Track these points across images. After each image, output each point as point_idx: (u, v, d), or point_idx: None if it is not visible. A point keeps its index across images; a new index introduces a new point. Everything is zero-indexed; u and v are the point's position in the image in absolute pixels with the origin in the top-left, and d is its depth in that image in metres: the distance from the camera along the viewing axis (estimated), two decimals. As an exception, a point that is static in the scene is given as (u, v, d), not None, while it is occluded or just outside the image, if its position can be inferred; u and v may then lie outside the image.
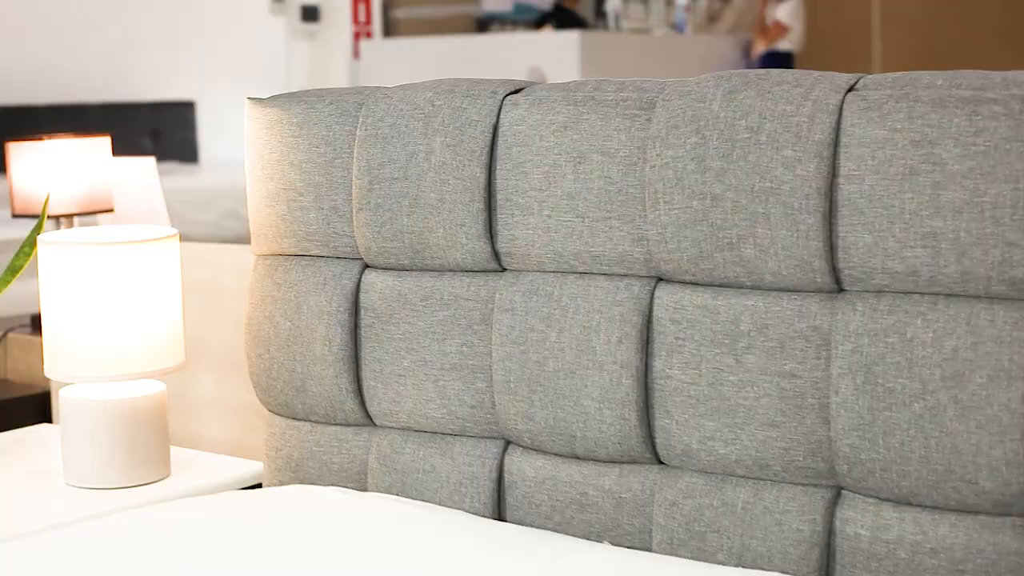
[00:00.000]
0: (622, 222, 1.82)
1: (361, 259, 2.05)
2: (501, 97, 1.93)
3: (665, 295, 1.80)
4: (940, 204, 1.61)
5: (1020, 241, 1.58)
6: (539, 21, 9.13)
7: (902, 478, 1.65)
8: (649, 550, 1.84)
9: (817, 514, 1.72)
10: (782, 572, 1.73)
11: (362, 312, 2.03)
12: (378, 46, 8.78)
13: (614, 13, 9.05)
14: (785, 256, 1.71)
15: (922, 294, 1.65)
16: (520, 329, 1.89)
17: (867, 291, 1.68)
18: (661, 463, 1.85)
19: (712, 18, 9.70)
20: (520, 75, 7.72)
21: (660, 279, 1.82)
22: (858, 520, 1.70)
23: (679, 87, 1.80)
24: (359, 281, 2.04)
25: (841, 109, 1.68)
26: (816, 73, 1.75)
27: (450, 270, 1.97)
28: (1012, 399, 1.58)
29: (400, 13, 9.31)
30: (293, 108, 2.08)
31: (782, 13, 9.17)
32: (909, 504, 1.67)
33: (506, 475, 1.95)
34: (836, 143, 1.68)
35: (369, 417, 2.07)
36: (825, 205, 1.68)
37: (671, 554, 1.81)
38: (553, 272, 1.88)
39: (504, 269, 1.94)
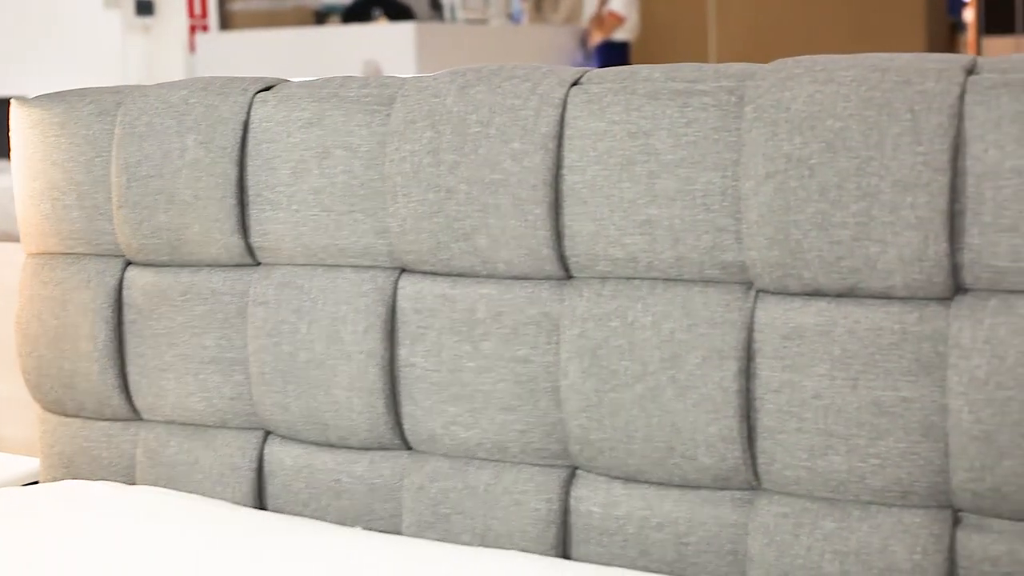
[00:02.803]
0: (365, 215, 1.87)
1: (123, 256, 2.08)
2: (251, 95, 1.97)
3: (407, 285, 1.86)
4: (655, 193, 1.69)
5: (729, 227, 1.66)
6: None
7: (628, 456, 1.73)
8: (400, 533, 1.89)
9: (553, 493, 1.79)
10: (522, 550, 1.79)
11: (125, 308, 2.07)
12: (214, 39, 8.75)
13: (450, 4, 9.08)
14: (515, 245, 1.77)
15: (642, 279, 1.72)
16: (273, 322, 1.93)
17: (592, 277, 1.75)
18: (410, 449, 1.90)
19: (550, 8, 9.76)
20: (356, 68, 7.73)
21: (403, 270, 1.87)
22: (591, 498, 1.77)
23: (417, 83, 1.86)
24: (122, 278, 2.07)
25: (565, 102, 1.75)
26: (545, 68, 1.81)
27: (207, 265, 2.01)
28: (725, 378, 1.66)
29: (237, 6, 9.28)
30: (55, 108, 2.11)
31: (617, 4, 9.25)
32: (637, 481, 1.75)
33: (266, 464, 1.99)
34: (561, 135, 1.74)
35: (136, 411, 2.10)
36: (551, 195, 1.74)
37: (419, 537, 1.86)
38: (303, 265, 1.93)
39: (258, 263, 1.98)
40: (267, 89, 1.99)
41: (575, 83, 1.77)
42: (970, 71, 1.58)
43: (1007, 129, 1.53)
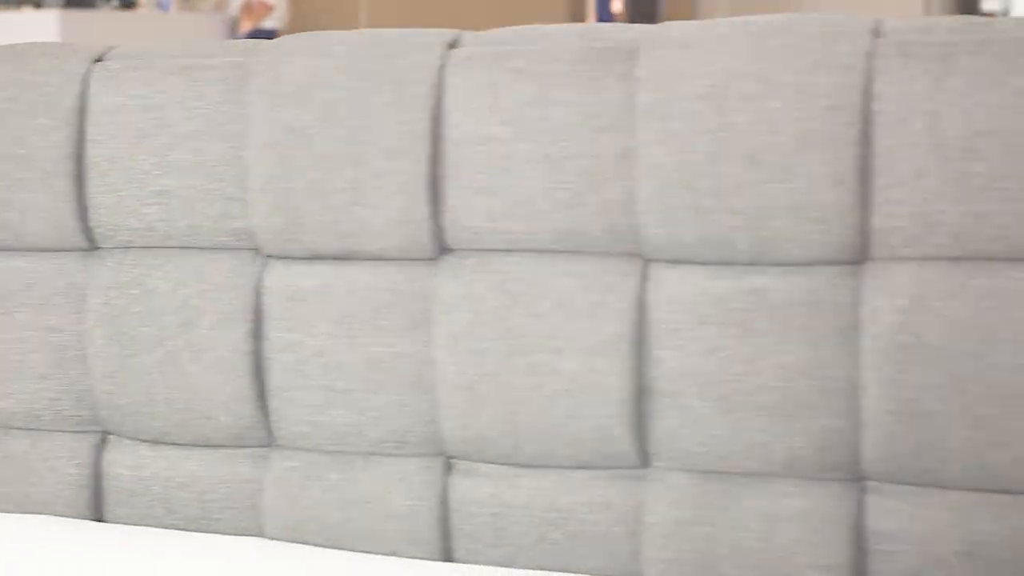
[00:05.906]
0: None
1: None
2: None
3: None
4: (170, 164, 1.76)
5: (237, 196, 1.74)
6: None
7: (152, 419, 1.80)
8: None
9: (85, 459, 1.85)
10: (58, 515, 1.85)
11: None
12: None
13: (101, -10, 8.98)
14: (43, 218, 1.82)
15: (160, 248, 1.79)
16: None
17: (116, 248, 1.81)
18: None
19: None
20: None
21: None
22: (120, 461, 1.84)
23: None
24: None
25: (88, 79, 1.81)
26: (73, 47, 1.87)
27: None
28: (236, 340, 1.74)
29: None
30: None
31: (267, -8, 9.28)
32: (162, 443, 1.82)
33: None
34: (84, 110, 1.80)
35: None
36: (75, 169, 1.80)
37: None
38: None
39: None
40: None
41: (98, 60, 1.83)
42: (452, 45, 1.70)
43: (481, 99, 1.65)
